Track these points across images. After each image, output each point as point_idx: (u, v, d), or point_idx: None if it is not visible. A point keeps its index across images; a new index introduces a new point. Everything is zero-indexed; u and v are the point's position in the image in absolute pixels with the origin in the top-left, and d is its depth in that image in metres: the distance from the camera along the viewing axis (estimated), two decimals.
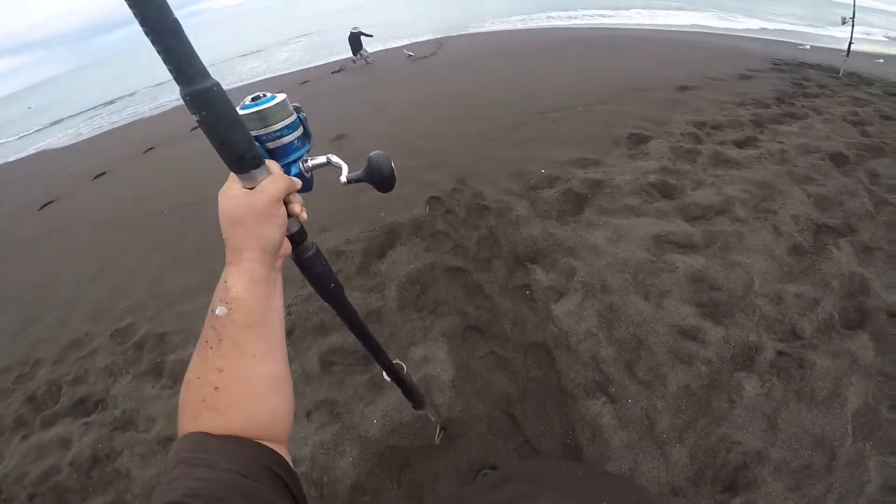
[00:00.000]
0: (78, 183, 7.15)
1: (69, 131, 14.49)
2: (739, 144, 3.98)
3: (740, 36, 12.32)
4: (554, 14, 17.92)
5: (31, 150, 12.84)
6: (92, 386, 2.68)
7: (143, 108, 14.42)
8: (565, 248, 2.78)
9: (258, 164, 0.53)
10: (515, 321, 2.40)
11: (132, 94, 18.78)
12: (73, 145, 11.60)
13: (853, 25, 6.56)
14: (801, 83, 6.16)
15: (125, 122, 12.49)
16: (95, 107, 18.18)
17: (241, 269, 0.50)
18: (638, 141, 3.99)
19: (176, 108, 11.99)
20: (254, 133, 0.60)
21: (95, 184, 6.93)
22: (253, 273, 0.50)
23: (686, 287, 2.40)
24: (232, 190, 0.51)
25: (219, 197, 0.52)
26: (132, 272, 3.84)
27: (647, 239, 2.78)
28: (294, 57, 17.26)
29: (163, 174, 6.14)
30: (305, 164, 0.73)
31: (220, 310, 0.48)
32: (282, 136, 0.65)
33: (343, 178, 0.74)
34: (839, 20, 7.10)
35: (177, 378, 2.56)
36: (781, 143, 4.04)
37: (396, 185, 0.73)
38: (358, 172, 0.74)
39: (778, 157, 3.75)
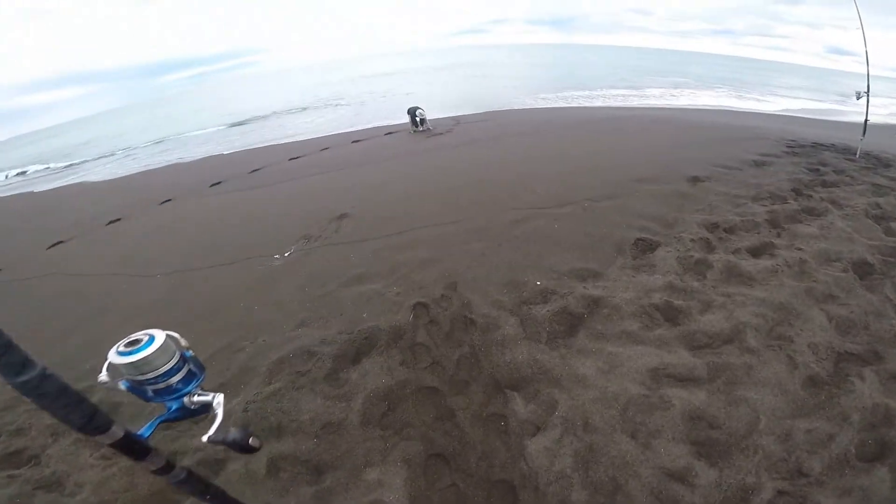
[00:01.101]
0: (92, 225, 7.19)
1: (108, 166, 15.19)
2: (754, 252, 3.66)
3: (755, 114, 12.25)
4: (571, 94, 18.49)
5: (74, 180, 13.57)
6: (31, 440, 2.55)
7: (179, 154, 15.04)
8: (551, 378, 2.48)
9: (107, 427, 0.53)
10: (484, 454, 2.13)
11: (179, 135, 19.64)
12: (107, 182, 12.02)
13: (868, 101, 6.32)
14: (817, 168, 5.87)
15: (158, 166, 12.93)
16: (145, 145, 19.02)
17: None
18: (644, 248, 3.71)
19: (204, 160, 12.39)
20: (130, 379, 0.60)
21: (107, 230, 6.93)
22: None
23: (681, 425, 2.12)
24: None
25: None
26: (105, 333, 3.63)
27: (642, 372, 2.47)
28: (318, 120, 17.95)
29: (168, 232, 6.11)
30: (191, 399, 0.75)
31: None
32: (161, 382, 0.68)
33: (205, 438, 0.77)
34: (850, 92, 6.91)
35: (115, 452, 2.34)
36: (801, 249, 3.71)
37: (386, 283, 0.83)
38: (223, 435, 0.77)
39: (796, 270, 3.42)
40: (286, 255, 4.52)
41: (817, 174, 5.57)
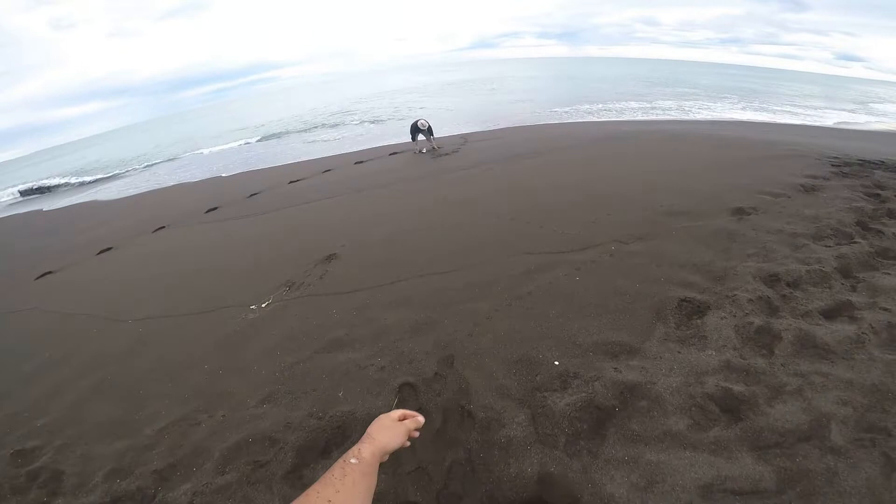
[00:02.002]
0: (83, 255, 6.79)
1: (118, 182, 14.94)
2: (829, 314, 2.84)
3: (781, 126, 11.35)
4: (583, 108, 17.72)
5: (86, 198, 13.48)
6: None
7: (188, 172, 14.71)
8: (568, 499, 1.76)
9: None
10: None
11: (191, 152, 19.41)
12: (115, 201, 11.83)
13: None
14: (876, 193, 5.00)
15: (165, 185, 12.56)
16: (161, 161, 18.80)
17: (370, 447, 0.80)
18: (691, 312, 2.91)
19: (206, 181, 11.97)
20: None
21: (96, 261, 6.51)
22: (375, 451, 0.80)
23: None
24: (387, 418, 0.90)
25: (377, 420, 0.89)
26: (63, 383, 3.32)
27: (692, 489, 1.75)
28: (324, 136, 17.52)
29: (152, 267, 5.56)
30: None
31: (353, 460, 0.74)
32: None
33: None
34: (866, 99, 6.02)
35: None
36: (887, 310, 2.88)
37: (369, 353, 0.86)
38: None
39: (885, 337, 2.61)
40: (263, 305, 3.89)
41: (879, 201, 4.70)
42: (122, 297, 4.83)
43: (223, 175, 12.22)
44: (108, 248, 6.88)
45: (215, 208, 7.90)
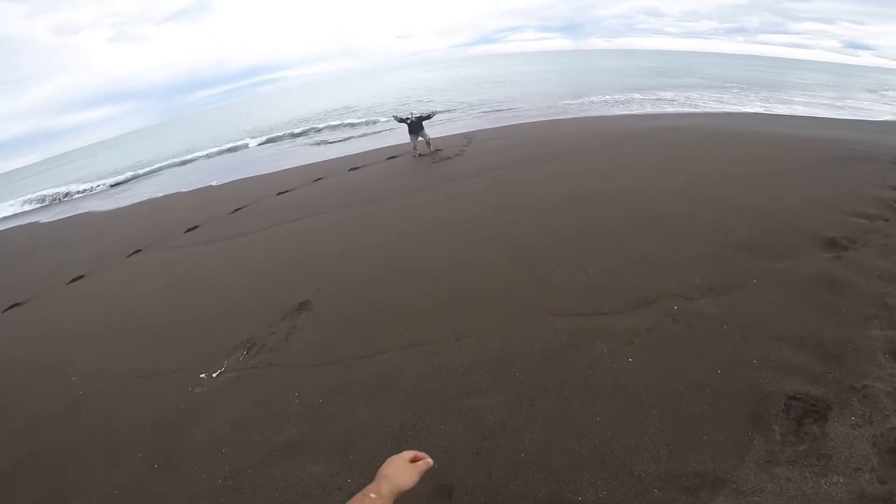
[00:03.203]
0: (54, 282, 6.03)
1: (123, 193, 14.11)
2: None
3: (821, 119, 10.06)
4: (595, 99, 16.41)
5: (86, 208, 12.67)
6: None
7: (191, 178, 13.84)
8: None
9: None
10: None
11: (192, 158, 18.49)
12: (110, 212, 11.12)
13: None
14: None
15: (160, 195, 11.68)
16: (167, 166, 17.90)
17: (388, 486, 0.81)
18: (803, 415, 1.90)
19: (196, 191, 11.05)
20: None
21: (65, 291, 5.71)
22: (392, 489, 0.82)
23: None
24: (401, 460, 0.89)
25: (390, 461, 0.88)
26: None
27: None
28: (326, 137, 16.52)
29: (115, 304, 4.75)
30: None
31: (373, 495, 0.78)
32: None
33: None
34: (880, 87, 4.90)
35: None
36: None
37: (333, 468, 1.11)
38: None
39: None
40: (214, 375, 3.02)
41: None
42: (75, 342, 4.11)
43: (214, 184, 11.32)
44: (80, 277, 6.04)
45: (195, 227, 7.00)
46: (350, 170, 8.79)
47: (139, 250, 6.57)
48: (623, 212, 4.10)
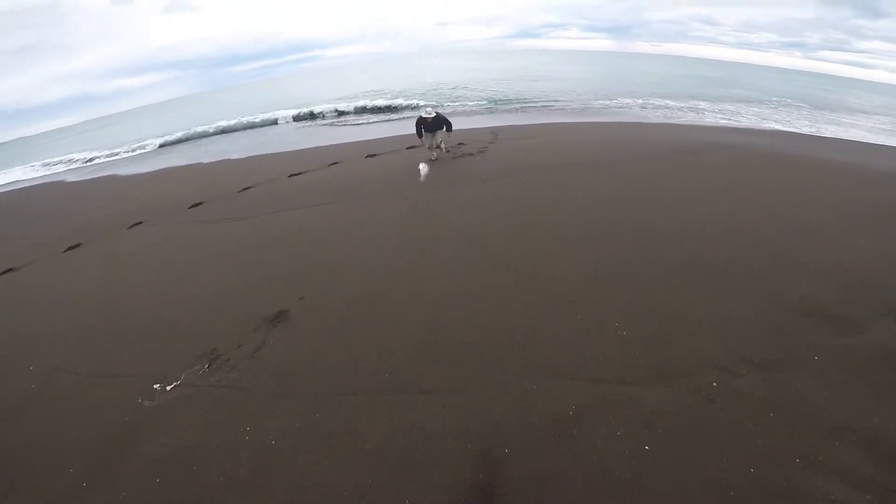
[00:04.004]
0: (52, 250, 5.82)
1: (152, 159, 14.10)
2: None
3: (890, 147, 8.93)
4: (636, 102, 15.33)
5: (113, 171, 12.75)
6: None
7: (214, 148, 13.70)
8: None
9: None
10: None
11: (232, 126, 18.33)
12: (133, 175, 11.13)
13: None
14: None
15: (183, 163, 11.59)
16: (195, 135, 17.89)
17: None
18: None
19: (216, 163, 10.83)
20: None
21: (58, 260, 5.50)
22: None
23: None
24: None
25: None
26: None
27: None
28: (358, 119, 16.06)
29: (96, 282, 4.46)
30: None
31: None
32: None
33: None
34: None
35: None
36: None
37: None
38: None
39: None
40: (168, 388, 2.65)
41: None
42: (46, 322, 3.81)
43: (233, 157, 11.07)
44: (77, 245, 5.84)
45: (200, 203, 6.70)
46: (367, 156, 8.33)
47: (140, 222, 6.32)
48: (664, 251, 3.43)
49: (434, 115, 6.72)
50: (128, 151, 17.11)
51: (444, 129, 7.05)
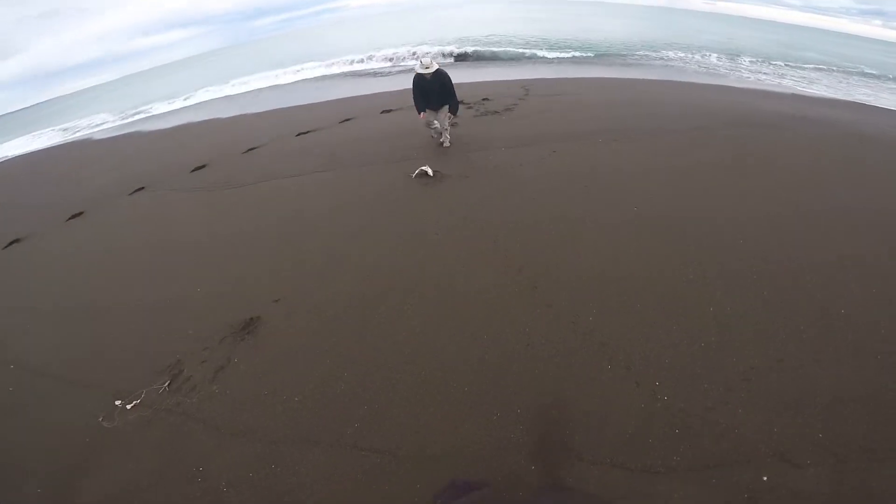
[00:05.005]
0: (56, 219, 5.53)
1: (173, 115, 13.77)
2: None
3: None
4: (685, 56, 13.11)
5: (127, 130, 12.63)
6: None
7: (224, 106, 13.11)
8: None
9: None
10: None
11: (252, 80, 17.57)
12: (153, 133, 10.79)
13: None
14: None
15: (203, 118, 11.12)
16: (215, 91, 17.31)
17: None
18: None
19: (236, 118, 10.27)
20: None
21: (60, 230, 5.24)
22: None
23: None
24: None
25: None
26: None
27: None
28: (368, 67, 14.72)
29: (88, 264, 4.13)
30: None
31: None
32: None
33: None
34: None
35: None
36: None
37: None
38: None
39: None
40: (129, 406, 2.34)
41: None
42: (37, 314, 3.43)
43: (249, 112, 10.51)
44: (80, 213, 5.55)
45: (203, 167, 6.27)
46: (382, 112, 7.54)
47: (142, 188, 5.98)
48: (734, 274, 2.58)
49: (435, 68, 4.77)
50: (150, 109, 16.78)
51: (448, 108, 5.02)
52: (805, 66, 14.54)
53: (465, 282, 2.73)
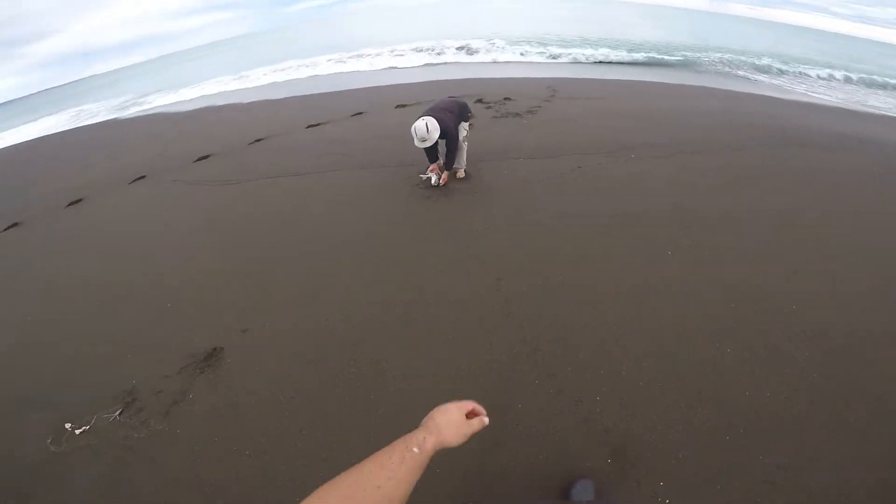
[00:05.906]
0: (56, 204, 5.33)
1: (197, 98, 13.64)
2: None
3: None
4: (729, 59, 12.01)
5: (150, 111, 12.54)
6: None
7: (247, 92, 12.89)
8: None
9: None
10: None
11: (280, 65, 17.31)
12: (175, 115, 10.61)
13: None
14: None
15: (222, 102, 10.93)
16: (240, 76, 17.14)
17: (435, 440, 0.63)
18: None
19: (255, 103, 9.98)
20: None
21: (58, 216, 4.99)
22: (437, 446, 0.64)
23: None
24: (457, 410, 0.70)
25: (444, 409, 0.69)
26: None
27: None
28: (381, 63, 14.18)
29: (73, 261, 3.85)
30: None
31: (415, 449, 0.59)
32: None
33: None
34: None
35: None
36: None
37: None
38: None
39: None
40: (78, 431, 2.06)
41: None
42: (13, 306, 3.20)
43: (270, 98, 10.18)
44: (79, 200, 5.35)
45: (207, 157, 5.99)
46: (396, 106, 7.12)
47: (143, 177, 5.74)
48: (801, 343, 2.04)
49: (434, 139, 3.63)
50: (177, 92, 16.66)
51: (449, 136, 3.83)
52: (857, 78, 13.20)
53: (465, 358, 2.20)
